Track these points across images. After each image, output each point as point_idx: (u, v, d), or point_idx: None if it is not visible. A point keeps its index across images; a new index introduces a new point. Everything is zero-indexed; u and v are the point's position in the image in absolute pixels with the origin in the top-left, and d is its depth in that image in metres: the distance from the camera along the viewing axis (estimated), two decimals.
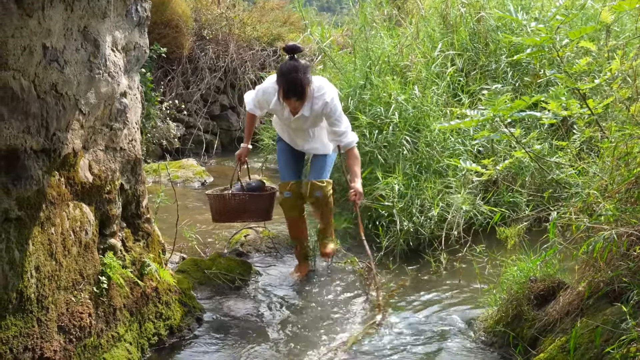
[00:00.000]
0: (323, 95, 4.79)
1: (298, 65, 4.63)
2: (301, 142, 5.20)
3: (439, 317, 4.63)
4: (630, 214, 3.40)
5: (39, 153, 2.95)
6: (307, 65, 4.70)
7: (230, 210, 5.23)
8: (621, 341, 2.94)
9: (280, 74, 4.69)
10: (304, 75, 4.63)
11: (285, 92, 4.67)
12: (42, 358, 3.00)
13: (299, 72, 4.60)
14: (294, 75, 4.59)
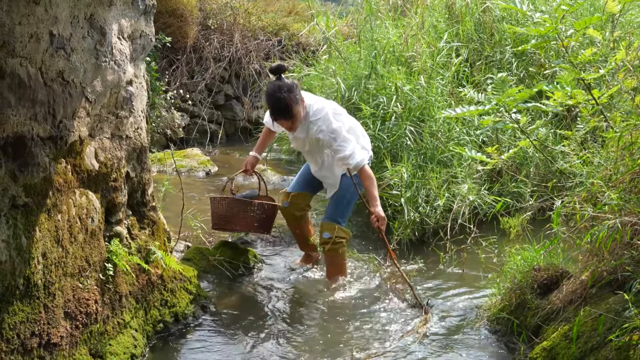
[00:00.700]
0: (318, 120, 4.63)
1: (282, 85, 4.51)
2: (313, 167, 5.04)
3: (443, 305, 4.65)
4: (635, 204, 3.40)
5: (46, 140, 2.97)
6: (292, 84, 4.56)
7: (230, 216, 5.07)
8: (623, 329, 2.96)
9: (266, 95, 4.63)
10: (289, 94, 4.48)
11: (272, 113, 4.61)
12: (49, 344, 3.02)
13: (282, 92, 4.47)
14: (278, 95, 4.48)
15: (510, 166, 6.15)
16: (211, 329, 4.27)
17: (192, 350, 3.97)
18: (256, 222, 5.08)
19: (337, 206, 4.95)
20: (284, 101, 4.47)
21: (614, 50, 4.88)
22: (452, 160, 6.08)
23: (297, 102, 4.52)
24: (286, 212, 5.22)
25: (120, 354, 3.57)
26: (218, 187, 8.31)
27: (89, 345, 3.37)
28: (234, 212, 5.05)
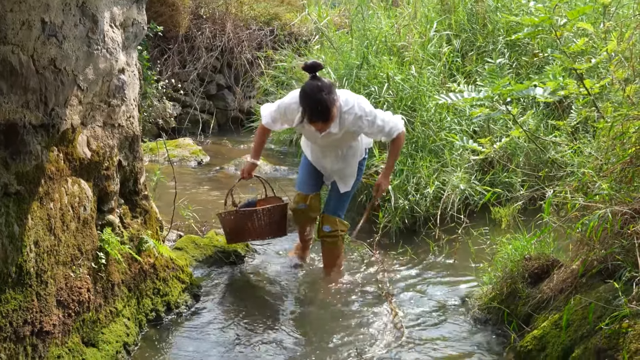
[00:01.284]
0: (352, 109, 4.43)
1: (322, 86, 4.25)
2: (328, 163, 4.83)
3: (434, 295, 4.68)
4: (625, 193, 3.43)
5: (38, 128, 2.96)
6: (330, 84, 4.33)
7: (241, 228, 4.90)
8: (613, 317, 2.99)
9: (304, 96, 4.31)
10: (329, 95, 4.24)
11: (310, 116, 4.30)
12: (42, 332, 3.02)
13: (323, 93, 4.22)
14: (319, 97, 4.21)
15: (501, 156, 6.18)
16: (203, 318, 4.28)
17: (184, 339, 3.97)
18: (268, 228, 4.91)
19: (341, 201, 4.90)
20: (325, 103, 4.22)
21: (606, 40, 4.89)
22: (444, 150, 6.10)
23: (335, 103, 4.30)
24: (302, 214, 5.00)
25: (112, 342, 3.57)
26: (210, 177, 8.32)
27: (82, 334, 3.37)
28: (243, 224, 4.88)
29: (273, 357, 3.77)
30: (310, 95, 4.26)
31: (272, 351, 3.85)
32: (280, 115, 4.65)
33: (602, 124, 4.10)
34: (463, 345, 3.90)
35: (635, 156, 3.55)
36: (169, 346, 3.87)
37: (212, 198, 6.97)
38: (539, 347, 3.52)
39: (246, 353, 3.81)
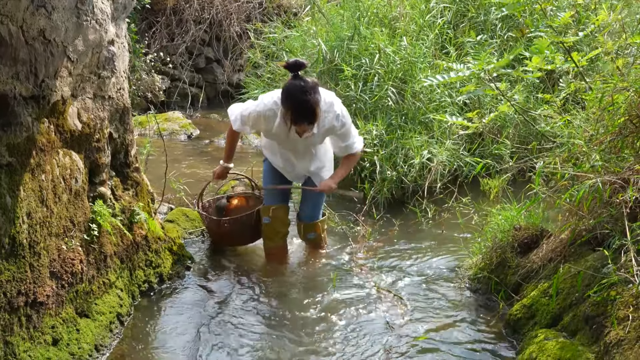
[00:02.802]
0: (332, 107, 4.26)
1: (306, 86, 4.04)
2: (303, 164, 4.57)
3: (424, 265, 4.72)
4: (614, 163, 3.46)
5: (28, 100, 2.95)
6: (315, 84, 4.12)
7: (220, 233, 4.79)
8: (602, 285, 3.03)
9: (288, 97, 4.09)
10: (314, 95, 4.06)
11: (296, 118, 4.08)
12: (36, 302, 3.04)
13: (309, 94, 4.02)
14: (305, 98, 4.01)
15: (491, 128, 6.20)
16: (195, 289, 4.30)
17: (177, 310, 4.00)
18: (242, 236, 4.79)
19: (318, 203, 4.72)
20: (311, 104, 4.04)
21: (596, 11, 4.89)
22: (433, 122, 6.11)
23: (319, 103, 4.10)
24: (269, 230, 4.66)
25: (106, 312, 3.60)
26: (200, 150, 8.31)
27: (75, 304, 3.39)
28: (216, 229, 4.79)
29: (264, 326, 3.80)
30: (295, 96, 4.05)
31: (263, 320, 3.89)
32: (253, 122, 4.37)
33: (591, 95, 4.12)
34: (452, 314, 3.94)
35: (624, 127, 3.58)
36: (162, 316, 3.90)
37: (202, 171, 6.97)
38: (528, 315, 3.57)
39: (238, 323, 3.84)
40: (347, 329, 3.77)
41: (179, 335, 3.68)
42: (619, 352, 2.73)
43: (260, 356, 3.48)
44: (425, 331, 3.72)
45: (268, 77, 8.28)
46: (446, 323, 3.83)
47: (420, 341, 3.61)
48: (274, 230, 4.64)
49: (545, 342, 3.14)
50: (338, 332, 3.75)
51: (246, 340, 3.65)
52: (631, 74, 3.79)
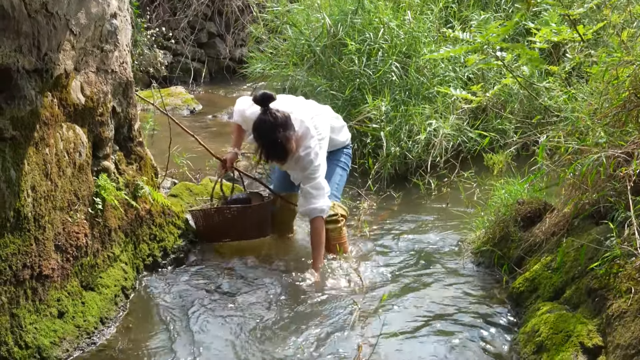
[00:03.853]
0: (300, 148, 4.09)
1: (276, 123, 3.93)
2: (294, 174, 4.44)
3: (427, 239, 4.73)
4: (618, 137, 3.45)
5: (32, 73, 2.94)
6: (285, 118, 3.97)
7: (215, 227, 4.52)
8: (604, 258, 3.04)
9: (258, 135, 4.02)
10: (285, 132, 3.95)
11: (266, 156, 4.06)
12: (41, 275, 3.06)
13: (278, 131, 3.93)
14: (273, 138, 3.93)
15: (495, 103, 6.19)
16: (199, 263, 4.32)
17: (181, 283, 4.02)
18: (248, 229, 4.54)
19: (330, 180, 4.39)
20: (281, 144, 3.95)
21: None
22: (437, 97, 6.09)
23: (291, 138, 3.99)
24: (277, 219, 4.68)
25: (111, 286, 3.62)
26: (203, 125, 8.30)
27: (80, 278, 3.41)
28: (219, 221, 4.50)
29: (268, 303, 3.81)
30: (263, 135, 3.98)
31: (267, 293, 3.90)
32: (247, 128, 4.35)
33: (595, 69, 4.10)
34: (455, 288, 3.96)
35: (628, 100, 3.57)
36: (167, 290, 3.91)
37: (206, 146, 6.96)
38: (531, 288, 3.58)
39: (242, 296, 3.86)
40: (350, 301, 3.79)
41: (184, 309, 3.70)
42: (621, 325, 2.75)
43: (264, 327, 3.50)
44: (428, 304, 3.74)
45: (271, 52, 8.24)
46: (449, 296, 3.84)
47: (422, 315, 3.63)
48: (282, 219, 4.69)
49: (548, 315, 3.16)
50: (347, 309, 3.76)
51: (250, 313, 3.67)
52: (636, 48, 3.77)
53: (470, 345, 3.30)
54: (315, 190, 4.11)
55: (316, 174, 4.12)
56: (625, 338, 2.67)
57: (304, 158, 4.09)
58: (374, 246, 4.64)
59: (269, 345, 3.34)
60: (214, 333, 3.45)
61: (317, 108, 4.48)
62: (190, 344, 3.33)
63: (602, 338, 2.86)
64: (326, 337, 3.41)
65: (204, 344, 3.34)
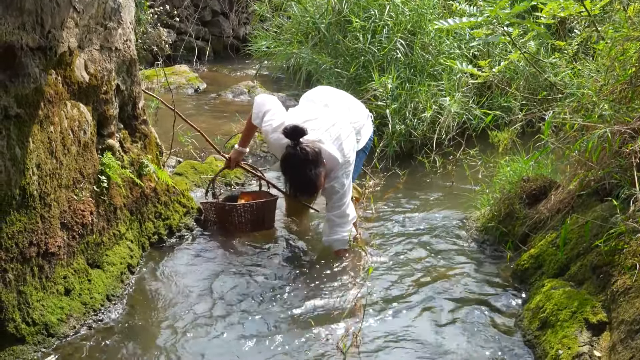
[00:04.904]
0: (334, 180, 3.90)
1: (306, 159, 3.69)
2: None
3: (432, 217, 4.74)
4: (624, 113, 3.44)
5: (35, 51, 2.93)
6: (317, 153, 3.72)
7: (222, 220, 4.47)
8: (609, 235, 3.04)
9: (287, 170, 3.80)
10: (316, 169, 3.71)
11: (294, 192, 3.89)
12: (47, 253, 3.07)
13: (309, 170, 3.69)
14: (305, 175, 3.71)
15: (500, 80, 6.16)
16: (205, 241, 4.34)
17: (186, 261, 4.04)
18: (250, 224, 4.42)
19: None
20: (312, 182, 3.74)
21: None
22: (442, 74, 6.07)
23: (321, 175, 3.76)
24: (291, 206, 4.67)
25: (117, 263, 3.64)
26: (208, 104, 8.28)
27: (86, 255, 3.43)
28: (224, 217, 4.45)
29: (273, 280, 3.83)
30: (294, 171, 3.76)
31: (272, 274, 3.91)
32: (265, 136, 4.12)
33: (602, 45, 4.07)
34: (460, 265, 3.96)
35: (635, 76, 3.54)
36: (172, 268, 3.93)
37: (210, 125, 6.96)
38: (536, 265, 3.59)
39: (246, 276, 3.87)
40: (354, 277, 3.80)
41: (189, 287, 3.72)
42: (626, 300, 2.75)
43: (268, 303, 3.52)
44: (433, 281, 3.75)
45: (275, 30, 8.20)
46: (453, 273, 3.85)
47: (426, 291, 3.64)
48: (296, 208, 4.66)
49: (552, 291, 3.17)
50: (351, 285, 3.77)
51: (254, 291, 3.69)
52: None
53: (475, 322, 3.31)
54: (339, 219, 3.95)
55: (342, 200, 3.94)
56: (629, 314, 2.67)
57: (330, 189, 3.93)
58: (380, 224, 4.65)
59: (272, 319, 3.36)
60: (218, 310, 3.47)
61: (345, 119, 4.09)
62: (195, 321, 3.35)
63: (606, 314, 2.87)
64: (322, 314, 3.43)
65: (208, 320, 3.36)
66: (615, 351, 2.62)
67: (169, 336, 3.22)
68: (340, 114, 4.11)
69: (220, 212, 4.43)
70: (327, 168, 3.85)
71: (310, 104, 4.24)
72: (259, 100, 4.21)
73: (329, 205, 3.99)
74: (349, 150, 3.94)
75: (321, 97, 4.28)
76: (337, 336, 3.18)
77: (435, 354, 3.07)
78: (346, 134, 3.98)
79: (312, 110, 4.08)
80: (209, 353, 3.09)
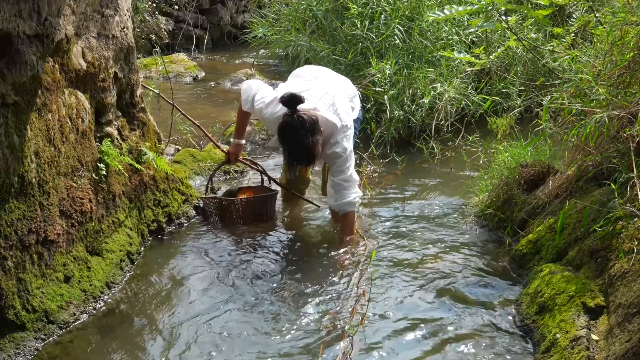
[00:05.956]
0: (326, 145, 3.92)
1: (302, 126, 3.70)
2: None
3: (430, 203, 4.75)
4: (622, 98, 3.43)
5: (32, 38, 2.93)
6: (314, 121, 3.73)
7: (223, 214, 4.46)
8: (607, 219, 3.05)
9: (284, 138, 3.80)
10: (313, 137, 3.72)
11: (291, 160, 3.89)
12: (46, 240, 3.08)
13: (306, 137, 3.70)
14: (302, 142, 3.71)
15: (499, 66, 6.15)
16: (204, 229, 4.35)
17: (186, 248, 4.05)
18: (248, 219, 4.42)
19: None
20: (309, 150, 3.75)
21: None
22: (441, 60, 6.06)
23: (318, 143, 3.78)
24: (290, 186, 4.64)
25: (116, 251, 3.65)
26: (206, 92, 8.27)
27: (86, 243, 3.43)
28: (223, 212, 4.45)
29: (272, 268, 3.84)
30: (290, 138, 3.77)
31: (271, 262, 3.92)
32: (258, 116, 4.14)
33: (600, 30, 4.06)
34: (459, 251, 3.98)
35: (633, 61, 3.54)
36: (171, 255, 3.95)
37: (208, 113, 6.96)
38: (534, 250, 3.60)
39: (245, 263, 3.88)
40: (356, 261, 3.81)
41: (188, 274, 3.73)
42: (623, 284, 2.76)
43: (268, 291, 3.53)
44: (431, 267, 3.76)
45: (273, 18, 8.18)
46: (452, 259, 3.86)
47: (425, 276, 3.65)
48: (295, 187, 4.63)
49: (551, 276, 3.18)
50: (349, 271, 3.79)
51: (254, 279, 3.70)
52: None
53: (472, 307, 3.32)
54: (345, 182, 3.97)
55: (346, 164, 3.96)
56: (627, 297, 2.68)
57: (332, 154, 3.94)
58: (378, 210, 4.66)
59: (274, 306, 3.38)
60: (217, 298, 3.48)
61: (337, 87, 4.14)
62: (194, 309, 3.36)
63: (604, 298, 2.88)
64: (327, 299, 3.44)
65: (207, 308, 3.37)
66: (613, 334, 2.63)
67: (168, 323, 3.23)
68: (332, 84, 4.16)
69: (219, 207, 4.44)
70: (326, 135, 3.88)
71: (299, 79, 4.27)
72: (244, 86, 4.23)
73: (333, 170, 4.00)
74: (345, 115, 3.98)
75: (310, 72, 4.33)
76: (343, 321, 3.20)
77: (434, 337, 3.08)
78: (340, 100, 4.03)
79: (303, 83, 4.11)
80: (209, 340, 3.09)
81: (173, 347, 3.04)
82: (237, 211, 4.39)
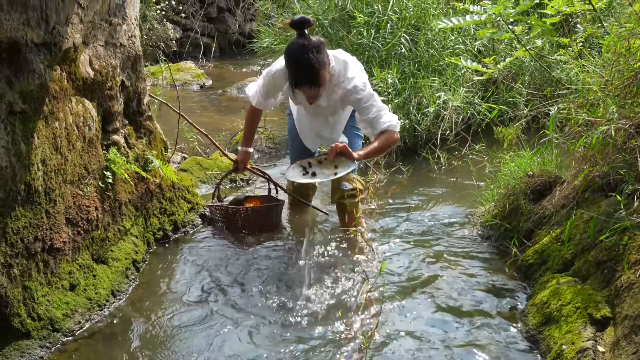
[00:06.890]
0: (343, 83, 3.91)
1: (308, 44, 3.72)
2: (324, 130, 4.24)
3: (436, 213, 4.74)
4: (629, 108, 3.43)
5: (40, 47, 2.94)
6: (319, 43, 3.78)
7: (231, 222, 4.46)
8: (614, 230, 3.03)
9: (288, 57, 3.81)
10: (318, 55, 3.73)
11: (296, 79, 3.82)
12: (52, 248, 3.09)
13: (310, 53, 3.71)
14: (306, 58, 3.70)
15: (506, 76, 6.15)
16: (210, 238, 4.35)
17: (191, 257, 4.04)
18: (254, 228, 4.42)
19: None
20: (312, 64, 3.72)
21: None
22: (447, 69, 6.06)
23: (325, 64, 3.79)
24: (296, 192, 4.63)
25: (122, 259, 3.65)
26: (213, 100, 8.29)
27: (91, 251, 3.44)
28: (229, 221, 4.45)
29: (277, 277, 3.83)
30: (295, 56, 3.77)
31: (276, 271, 3.92)
32: (269, 86, 4.10)
33: (607, 40, 4.06)
34: (465, 261, 3.96)
35: (639, 71, 3.53)
36: (177, 264, 3.95)
37: (215, 121, 6.98)
38: (540, 260, 3.59)
39: (252, 272, 3.88)
40: (362, 272, 3.80)
41: (194, 282, 3.73)
42: (630, 296, 2.75)
43: (272, 301, 3.52)
44: (437, 277, 3.75)
45: (279, 27, 8.19)
46: (457, 269, 3.85)
47: (430, 286, 3.64)
48: (300, 192, 4.62)
49: (557, 287, 3.16)
50: (358, 281, 3.78)
51: (259, 287, 3.69)
52: None
53: (479, 317, 3.31)
54: (379, 112, 3.93)
55: (370, 100, 3.92)
56: (633, 309, 2.67)
57: (353, 89, 3.90)
58: (384, 219, 4.65)
59: (276, 316, 3.37)
60: (225, 306, 3.48)
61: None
62: (201, 317, 3.36)
63: (610, 309, 2.87)
64: (337, 309, 3.42)
65: (214, 316, 3.37)
66: (619, 346, 2.61)
67: (174, 332, 3.22)
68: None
69: (225, 215, 4.44)
70: (337, 69, 3.91)
71: None
72: (247, 89, 4.31)
73: (361, 109, 3.96)
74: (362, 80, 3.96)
75: None
76: (355, 331, 3.18)
77: (440, 347, 3.07)
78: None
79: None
80: (216, 350, 3.09)
81: (179, 356, 3.03)
82: (242, 220, 4.39)
